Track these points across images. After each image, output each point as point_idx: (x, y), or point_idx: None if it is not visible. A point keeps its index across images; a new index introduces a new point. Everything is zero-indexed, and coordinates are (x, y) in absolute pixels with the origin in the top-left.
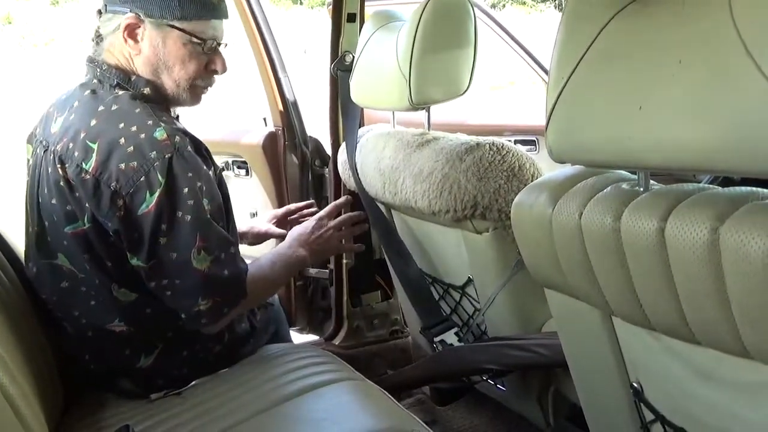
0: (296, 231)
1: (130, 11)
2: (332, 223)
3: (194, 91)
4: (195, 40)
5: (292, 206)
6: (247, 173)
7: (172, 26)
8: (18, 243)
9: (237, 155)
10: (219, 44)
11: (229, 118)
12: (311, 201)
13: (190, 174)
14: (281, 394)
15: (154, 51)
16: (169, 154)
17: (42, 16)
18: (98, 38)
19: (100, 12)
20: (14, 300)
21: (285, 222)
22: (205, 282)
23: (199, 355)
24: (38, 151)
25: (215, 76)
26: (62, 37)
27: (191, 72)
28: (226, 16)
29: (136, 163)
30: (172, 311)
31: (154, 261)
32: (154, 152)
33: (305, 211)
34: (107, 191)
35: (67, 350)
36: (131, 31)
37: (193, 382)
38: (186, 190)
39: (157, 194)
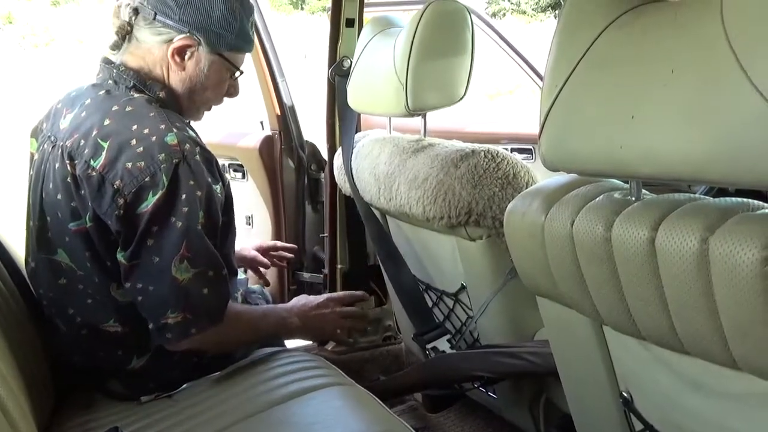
0: (301, 299)
1: (189, 32)
2: (338, 309)
3: (206, 110)
4: (233, 69)
5: (279, 243)
6: (244, 176)
7: (221, 55)
8: (13, 243)
9: (233, 158)
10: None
11: (226, 120)
12: (294, 246)
13: (191, 182)
14: (271, 398)
15: (197, 72)
16: (177, 160)
17: (43, 17)
18: (127, 36)
19: (137, 11)
20: (6, 300)
21: (267, 255)
22: (178, 293)
23: (192, 358)
24: (45, 146)
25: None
26: (62, 37)
27: (218, 95)
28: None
29: (143, 163)
30: None
31: (136, 261)
32: (163, 155)
33: (284, 254)
34: (110, 189)
35: (58, 350)
36: (181, 50)
37: (184, 385)
38: (184, 196)
39: (157, 196)
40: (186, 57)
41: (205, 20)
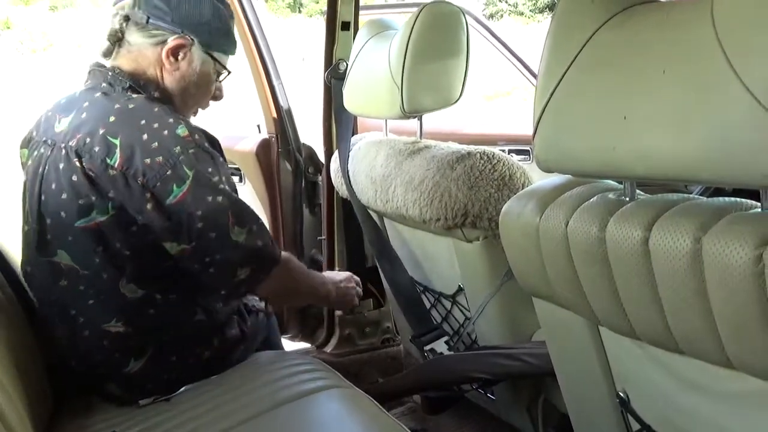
0: (330, 274)
1: (182, 33)
2: (356, 287)
3: (194, 114)
4: (221, 70)
5: None
6: (241, 180)
7: (211, 55)
8: (8, 247)
9: (230, 162)
10: None
11: (223, 124)
12: None
13: (213, 165)
14: (270, 402)
15: (190, 72)
16: (193, 150)
17: (41, 22)
18: (119, 41)
19: (127, 18)
20: (2, 305)
21: None
22: (242, 253)
23: (189, 360)
24: (41, 150)
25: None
26: (61, 42)
27: (206, 96)
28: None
29: (161, 158)
30: (173, 313)
31: (196, 243)
32: (179, 147)
33: None
34: (136, 185)
35: (55, 354)
36: (175, 50)
37: (182, 388)
38: (214, 179)
39: (186, 185)
40: (180, 57)
41: (197, 21)
